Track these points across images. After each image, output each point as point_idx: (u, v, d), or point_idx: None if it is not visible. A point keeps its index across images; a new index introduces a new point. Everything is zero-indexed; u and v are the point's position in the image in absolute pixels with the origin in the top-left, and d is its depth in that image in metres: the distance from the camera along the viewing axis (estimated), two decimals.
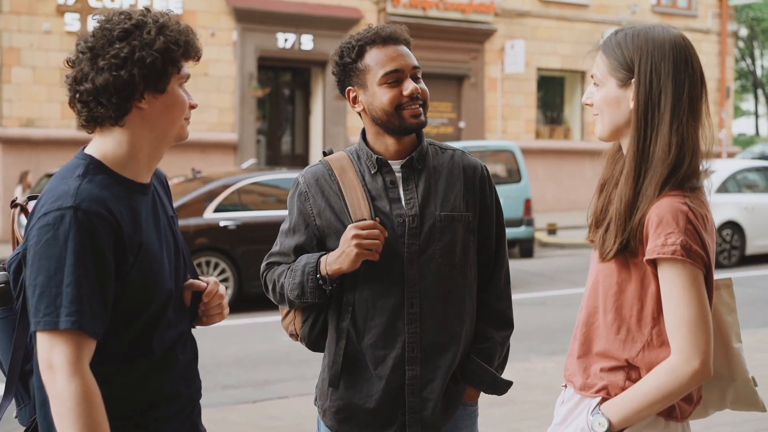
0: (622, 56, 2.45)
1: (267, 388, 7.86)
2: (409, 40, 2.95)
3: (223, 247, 11.64)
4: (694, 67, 2.43)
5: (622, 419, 2.38)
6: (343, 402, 2.91)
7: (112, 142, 2.32)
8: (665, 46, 2.41)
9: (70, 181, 2.24)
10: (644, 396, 2.35)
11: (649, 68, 2.40)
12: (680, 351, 2.32)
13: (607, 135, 2.52)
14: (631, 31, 2.48)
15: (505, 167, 16.14)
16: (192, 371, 2.51)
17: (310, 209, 2.92)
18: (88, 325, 2.15)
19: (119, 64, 2.25)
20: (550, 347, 9.12)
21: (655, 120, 2.39)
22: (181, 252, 2.48)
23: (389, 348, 2.85)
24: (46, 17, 18.99)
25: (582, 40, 25.35)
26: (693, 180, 2.40)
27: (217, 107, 20.44)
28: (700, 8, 27.38)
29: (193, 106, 2.42)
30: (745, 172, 16.67)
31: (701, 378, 2.33)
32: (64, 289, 2.14)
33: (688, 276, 2.31)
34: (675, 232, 2.30)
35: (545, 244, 18.53)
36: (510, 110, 24.54)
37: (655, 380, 2.35)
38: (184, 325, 2.47)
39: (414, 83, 2.86)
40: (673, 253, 2.29)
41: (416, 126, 2.87)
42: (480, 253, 2.97)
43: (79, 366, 2.14)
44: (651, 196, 2.36)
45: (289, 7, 21.41)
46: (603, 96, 2.48)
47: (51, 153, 18.40)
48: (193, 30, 2.41)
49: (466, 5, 23.40)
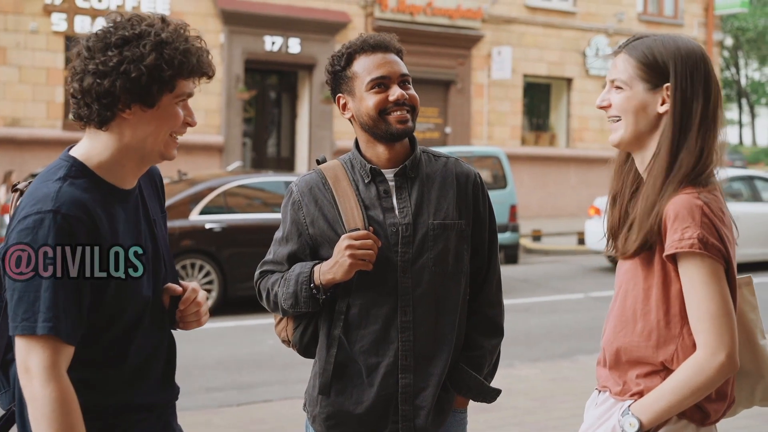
0: (654, 60, 2.44)
1: (251, 391, 7.84)
2: (400, 48, 2.95)
3: (209, 250, 11.60)
4: (715, 78, 2.47)
5: (653, 418, 2.39)
6: (334, 409, 2.91)
7: (98, 145, 2.31)
8: (695, 55, 2.44)
9: (51, 183, 2.22)
10: (672, 393, 2.36)
11: (686, 73, 2.41)
12: (705, 345, 2.33)
13: (628, 140, 2.50)
14: (659, 38, 2.47)
15: (491, 173, 16.17)
16: (169, 380, 2.50)
17: (303, 218, 2.91)
18: (64, 331, 2.14)
19: (105, 72, 2.22)
20: (534, 353, 9.14)
21: (687, 125, 2.41)
22: (161, 257, 2.46)
23: (382, 356, 2.85)
24: (32, 17, 18.93)
25: (568, 48, 25.44)
26: (708, 178, 2.42)
27: (204, 109, 20.41)
28: (686, 17, 27.50)
29: (189, 124, 2.37)
30: (730, 181, 16.73)
31: (728, 371, 2.34)
32: (42, 294, 2.14)
33: (707, 269, 2.33)
34: (691, 226, 2.32)
35: (530, 250, 18.56)
36: (496, 116, 24.59)
37: (682, 376, 2.35)
38: (163, 334, 2.46)
39: (400, 90, 2.86)
40: (691, 247, 2.31)
41: (402, 131, 2.86)
42: (472, 260, 2.98)
43: (55, 371, 2.14)
44: (669, 193, 2.39)
45: (277, 10, 21.40)
46: (628, 99, 2.47)
47: (36, 153, 18.34)
48: (201, 49, 2.34)
49: (453, 11, 23.43)
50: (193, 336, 9.37)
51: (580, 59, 25.65)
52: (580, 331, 10.38)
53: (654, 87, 2.44)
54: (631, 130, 2.48)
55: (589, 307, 12.15)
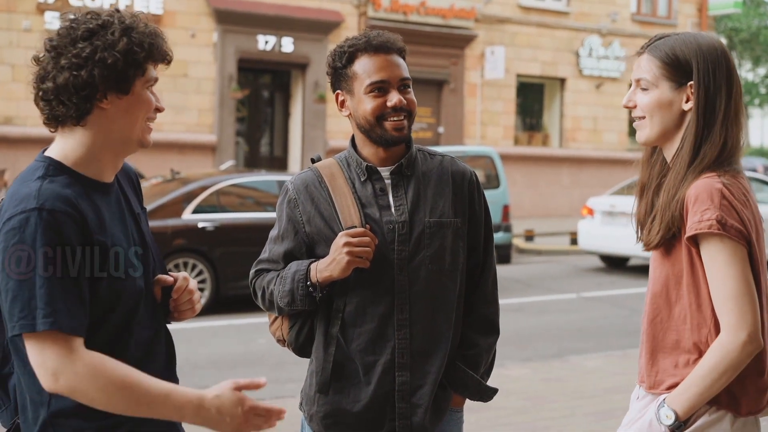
0: (677, 59, 2.52)
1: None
2: (403, 48, 2.94)
3: (201, 249, 11.59)
4: (736, 72, 2.55)
5: (687, 407, 2.43)
6: (331, 407, 2.92)
7: (73, 143, 2.30)
8: (716, 51, 2.52)
9: (31, 183, 2.22)
10: (702, 379, 2.40)
11: (708, 71, 2.49)
12: (727, 326, 2.38)
13: (655, 138, 2.59)
14: (681, 37, 2.56)
15: (484, 173, 16.17)
16: (170, 370, 2.50)
17: (299, 216, 2.91)
18: (66, 324, 2.13)
19: (80, 64, 2.23)
20: (526, 353, 9.14)
21: (711, 120, 2.49)
22: (149, 249, 2.46)
23: (379, 354, 2.86)
24: (25, 15, 18.88)
25: (562, 48, 25.46)
26: (731, 165, 2.49)
27: (197, 108, 20.37)
28: (680, 18, 27.55)
29: (159, 109, 2.38)
30: None
31: (751, 349, 2.37)
32: (37, 291, 2.12)
33: (728, 250, 2.37)
34: (711, 208, 2.38)
35: (522, 250, 18.57)
36: (489, 116, 24.60)
37: (708, 361, 2.40)
38: (158, 324, 2.46)
39: (399, 95, 2.86)
40: (710, 228, 2.36)
41: (397, 139, 2.88)
42: (468, 258, 2.99)
43: (73, 356, 2.12)
44: (690, 180, 2.46)
45: (270, 9, 21.38)
46: (656, 99, 2.55)
47: (29, 151, 18.26)
48: (162, 33, 2.39)
49: (447, 11, 23.44)
50: (184, 335, 9.37)
51: (574, 59, 25.68)
52: (572, 332, 10.40)
53: (678, 85, 2.52)
54: (657, 129, 2.57)
55: (582, 307, 12.16)
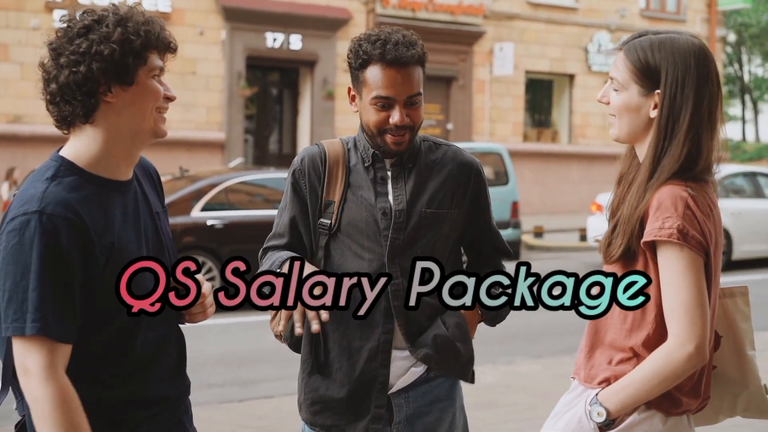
0: (647, 65, 2.46)
1: (252, 387, 7.85)
2: (422, 57, 2.87)
3: (210, 246, 11.61)
4: (714, 78, 2.47)
5: (620, 407, 2.40)
6: (317, 393, 2.95)
7: (85, 141, 2.31)
8: (690, 58, 2.44)
9: (39, 184, 2.23)
10: (640, 382, 2.37)
11: (675, 81, 2.43)
12: (676, 335, 2.34)
13: (624, 138, 2.56)
14: (657, 40, 2.48)
15: (493, 169, 16.17)
16: (180, 372, 2.50)
17: (303, 186, 2.95)
18: (53, 331, 2.15)
19: (78, 60, 2.23)
20: (535, 349, 9.14)
21: (674, 131, 2.43)
22: (165, 249, 2.46)
23: (365, 340, 2.89)
24: (34, 14, 18.93)
25: (570, 44, 25.42)
26: (700, 174, 2.44)
27: (205, 106, 20.40)
28: (689, 13, 27.47)
29: (169, 98, 2.37)
30: (732, 177, 16.72)
31: (696, 362, 2.34)
32: (30, 294, 2.14)
33: (686, 260, 2.34)
34: (673, 216, 2.34)
35: (531, 246, 18.56)
36: (498, 113, 24.58)
37: (650, 365, 2.37)
38: (170, 325, 2.45)
39: (402, 113, 2.83)
40: (669, 237, 2.32)
41: (396, 153, 2.90)
42: (471, 249, 3.07)
43: (52, 371, 2.14)
44: (652, 192, 2.41)
45: (278, 6, 21.38)
46: (624, 102, 2.50)
47: (38, 149, 18.31)
48: (161, 22, 2.38)
49: (455, 7, 23.41)
50: (194, 332, 9.34)
51: (582, 55, 25.63)
52: (582, 327, 10.26)
53: (648, 91, 2.46)
54: (625, 130, 2.52)
55: None
